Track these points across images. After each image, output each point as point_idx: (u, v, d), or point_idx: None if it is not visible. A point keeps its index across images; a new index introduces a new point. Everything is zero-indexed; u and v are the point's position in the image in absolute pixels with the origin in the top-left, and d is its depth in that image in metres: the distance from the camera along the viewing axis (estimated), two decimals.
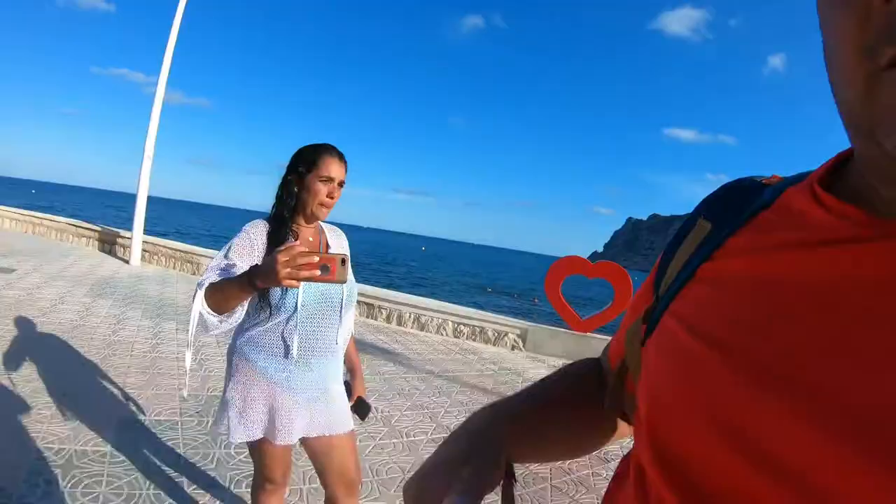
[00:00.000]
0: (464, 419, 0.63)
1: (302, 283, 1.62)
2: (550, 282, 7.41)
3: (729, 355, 0.42)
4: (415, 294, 9.29)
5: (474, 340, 7.49)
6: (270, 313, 1.72)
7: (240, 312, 1.62)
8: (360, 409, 2.02)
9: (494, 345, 7.39)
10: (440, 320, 7.68)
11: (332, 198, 1.80)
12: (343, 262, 1.41)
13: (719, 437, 0.40)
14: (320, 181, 1.77)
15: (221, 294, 1.53)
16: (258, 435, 1.74)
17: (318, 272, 1.37)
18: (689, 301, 0.51)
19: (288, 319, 1.73)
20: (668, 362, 0.49)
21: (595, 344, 7.09)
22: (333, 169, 1.79)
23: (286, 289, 1.68)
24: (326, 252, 1.87)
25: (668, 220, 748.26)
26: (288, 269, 1.34)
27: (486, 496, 0.50)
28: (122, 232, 11.01)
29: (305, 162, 1.79)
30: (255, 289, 1.45)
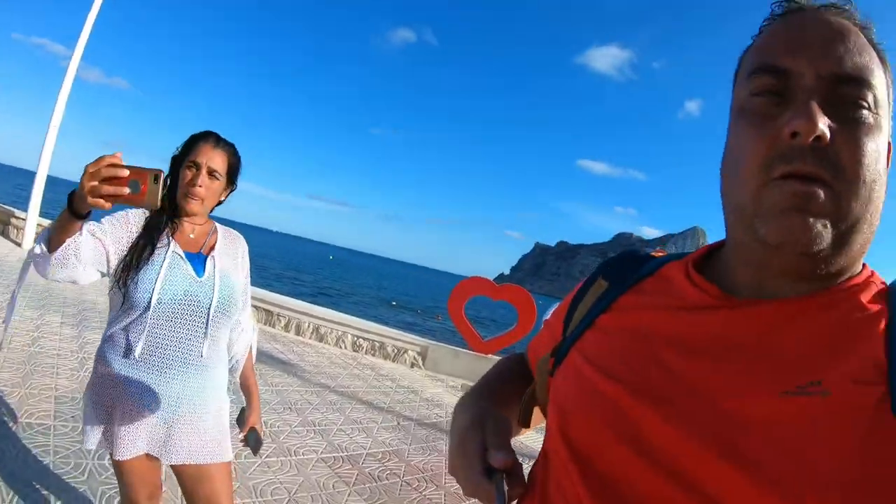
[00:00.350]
0: (358, 438, 0.87)
1: (160, 281, 1.53)
2: (454, 301, 7.42)
3: (619, 381, 0.59)
4: (318, 304, 9.04)
5: (373, 355, 7.35)
6: (125, 310, 1.55)
7: (73, 259, 1.37)
8: (252, 442, 1.84)
9: (394, 361, 7.28)
10: (340, 332, 7.49)
11: (194, 185, 1.60)
12: (156, 178, 1.12)
13: (611, 433, 0.57)
14: (187, 167, 1.61)
15: (53, 227, 1.31)
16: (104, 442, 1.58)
17: (126, 190, 1.10)
18: (590, 343, 0.68)
19: (139, 318, 1.54)
20: (572, 385, 0.65)
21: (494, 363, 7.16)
22: (202, 154, 1.62)
23: (138, 282, 1.52)
24: (209, 252, 1.70)
25: (574, 249, 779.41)
26: (93, 183, 1.10)
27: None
28: (17, 212, 10.06)
29: (182, 148, 1.65)
30: (73, 214, 1.21)
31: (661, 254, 0.77)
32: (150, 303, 1.52)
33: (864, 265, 0.58)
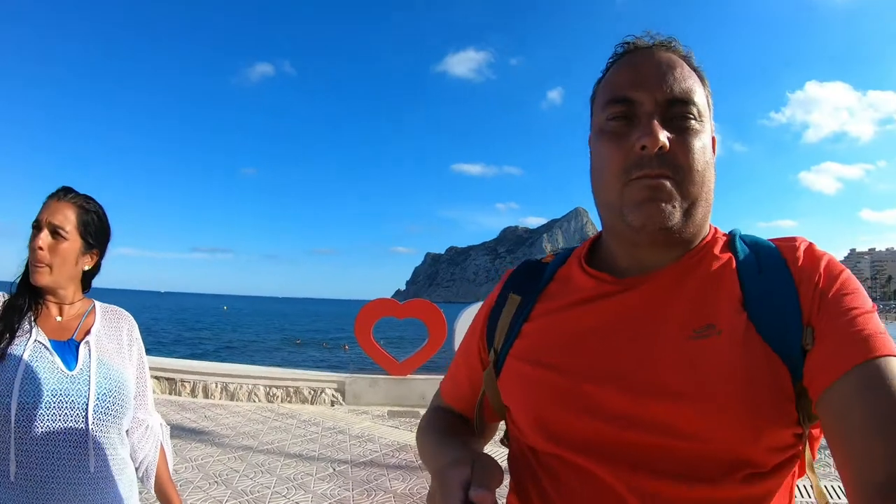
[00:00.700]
0: (297, 497, 1.00)
1: (19, 380, 1.23)
2: (361, 327, 7.32)
3: (563, 370, 0.74)
4: (225, 360, 8.62)
5: (290, 402, 7.11)
6: None
7: None
8: None
9: (313, 403, 7.09)
10: (250, 386, 7.19)
11: (34, 249, 1.32)
12: None
13: (570, 410, 0.71)
14: (33, 230, 1.35)
15: None
16: None
17: None
18: (523, 349, 0.81)
19: (2, 431, 1.22)
20: (522, 384, 0.79)
21: (416, 386, 7.09)
22: (44, 210, 1.35)
23: None
24: (83, 336, 1.39)
25: (464, 252, 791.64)
26: None
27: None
28: None
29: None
30: None
31: (550, 258, 0.91)
32: (9, 409, 1.21)
33: (710, 227, 0.80)
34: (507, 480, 0.75)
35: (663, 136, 0.69)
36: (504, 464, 0.77)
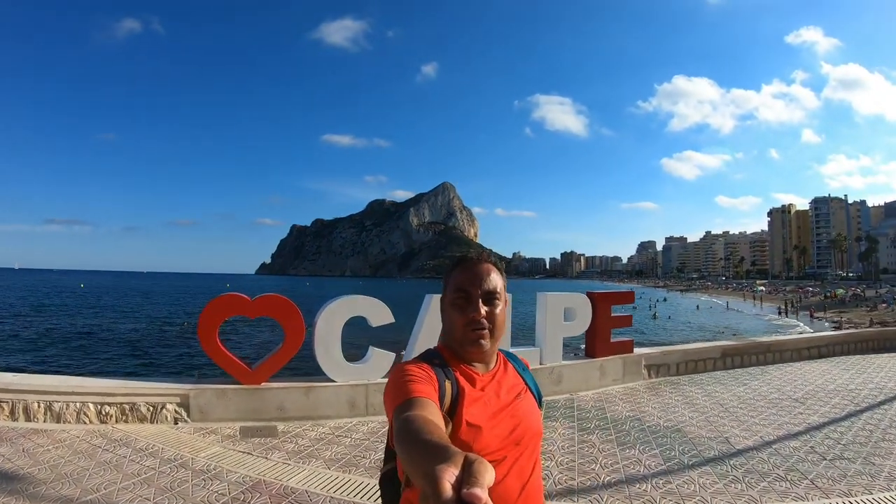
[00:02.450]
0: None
1: None
2: (206, 329, 6.64)
3: (497, 423, 1.47)
4: (79, 351, 7.57)
5: (126, 421, 6.36)
6: None
7: None
8: None
9: (153, 422, 6.39)
10: (79, 404, 6.31)
11: None
12: None
13: (507, 441, 1.46)
14: None
15: None
16: None
17: None
18: (469, 413, 1.42)
19: None
20: (476, 431, 1.42)
21: (273, 397, 6.64)
22: None
23: None
24: None
25: (331, 224, 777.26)
26: None
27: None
28: None
29: None
30: None
31: (439, 361, 1.53)
32: None
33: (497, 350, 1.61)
34: None
35: (483, 311, 1.50)
36: None
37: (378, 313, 7.32)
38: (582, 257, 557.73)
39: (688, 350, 10.88)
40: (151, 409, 6.39)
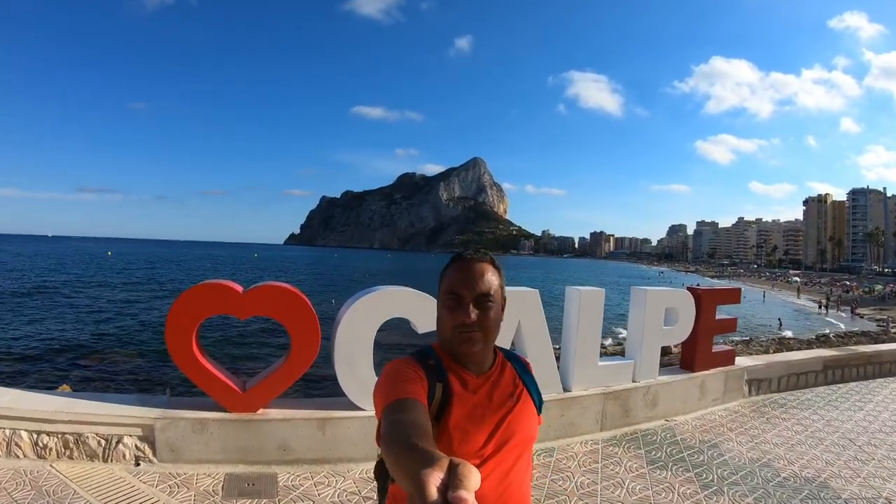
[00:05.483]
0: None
1: None
2: (177, 335, 4.61)
3: (482, 424, 1.48)
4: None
5: (70, 457, 4.47)
6: None
7: None
8: None
9: (105, 460, 4.49)
10: (8, 432, 4.45)
11: None
12: None
13: (491, 439, 1.46)
14: None
15: None
16: None
17: None
18: (455, 416, 1.44)
19: None
20: (462, 433, 1.44)
21: (272, 432, 4.69)
22: None
23: None
24: None
25: (360, 196, 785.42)
26: None
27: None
28: None
29: None
30: None
31: (432, 363, 1.53)
32: None
33: (496, 348, 1.63)
34: None
35: (474, 315, 1.46)
36: None
37: (426, 311, 5.07)
38: (611, 238, 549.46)
39: (791, 362, 8.92)
40: (103, 442, 4.51)
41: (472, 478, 0.77)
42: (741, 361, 8.17)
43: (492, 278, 1.51)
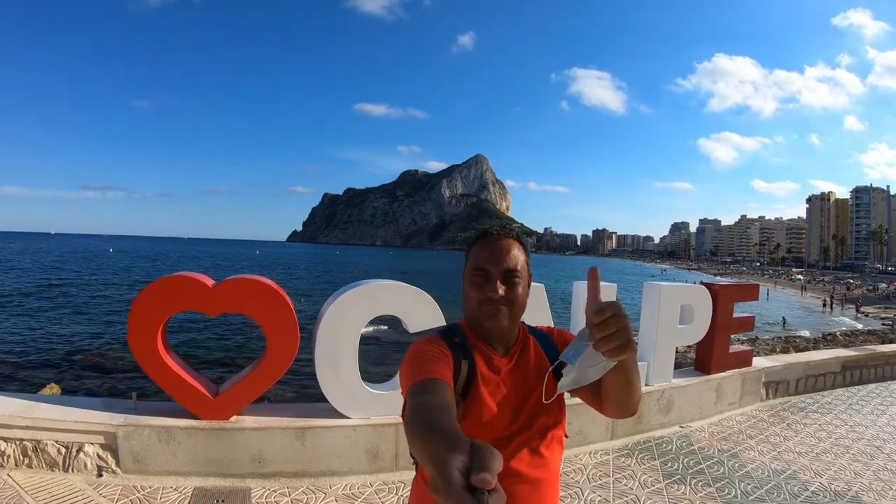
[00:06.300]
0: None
1: None
2: (141, 333, 4.19)
3: (507, 403, 1.47)
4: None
5: (29, 466, 4.04)
6: None
7: None
8: None
9: (65, 470, 4.05)
10: None
11: None
12: None
13: (514, 421, 1.45)
14: None
15: None
16: None
17: None
18: (483, 393, 1.43)
19: None
20: (489, 410, 1.43)
21: (245, 441, 4.23)
22: None
23: None
24: None
25: (362, 194, 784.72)
26: None
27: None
28: None
29: None
30: None
31: (457, 340, 1.50)
32: None
33: (521, 324, 1.57)
34: None
35: (501, 290, 1.44)
36: None
37: (419, 309, 4.63)
38: (614, 235, 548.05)
39: (810, 363, 8.48)
40: (63, 450, 4.07)
41: (495, 461, 0.77)
42: (758, 362, 7.75)
43: (518, 254, 1.50)
